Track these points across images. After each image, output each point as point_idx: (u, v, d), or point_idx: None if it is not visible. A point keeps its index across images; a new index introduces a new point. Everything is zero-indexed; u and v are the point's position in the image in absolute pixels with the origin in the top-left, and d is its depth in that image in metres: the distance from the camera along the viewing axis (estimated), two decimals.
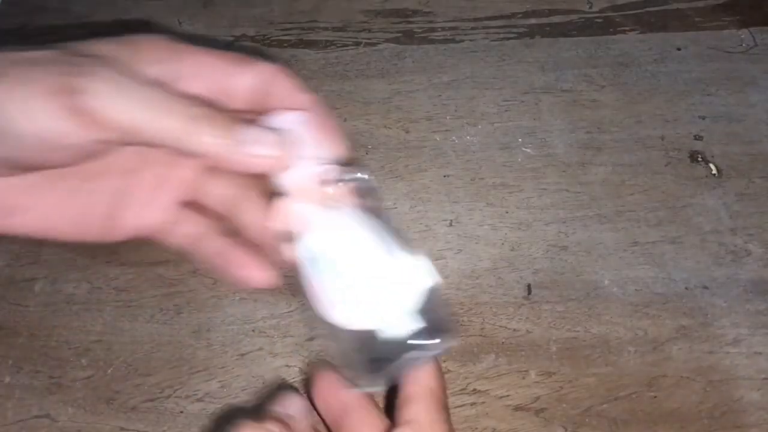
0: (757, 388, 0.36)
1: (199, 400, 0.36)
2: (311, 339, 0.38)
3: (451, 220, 0.42)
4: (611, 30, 0.53)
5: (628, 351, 0.37)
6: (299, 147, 0.29)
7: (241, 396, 0.36)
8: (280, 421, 0.29)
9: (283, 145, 0.28)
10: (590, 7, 0.54)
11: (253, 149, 0.27)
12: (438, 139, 0.46)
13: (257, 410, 0.29)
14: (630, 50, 0.51)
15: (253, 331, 0.38)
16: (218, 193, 0.32)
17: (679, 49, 0.51)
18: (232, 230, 0.32)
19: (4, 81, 0.26)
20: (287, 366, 0.37)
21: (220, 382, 0.36)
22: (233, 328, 0.38)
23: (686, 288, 0.40)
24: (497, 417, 0.35)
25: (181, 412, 0.35)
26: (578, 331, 0.38)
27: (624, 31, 0.53)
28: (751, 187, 0.44)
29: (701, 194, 0.44)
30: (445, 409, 0.29)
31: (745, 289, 0.40)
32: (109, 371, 0.37)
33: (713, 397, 0.36)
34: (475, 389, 0.36)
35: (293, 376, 0.37)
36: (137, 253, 0.41)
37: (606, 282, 0.40)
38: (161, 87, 0.27)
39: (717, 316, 0.39)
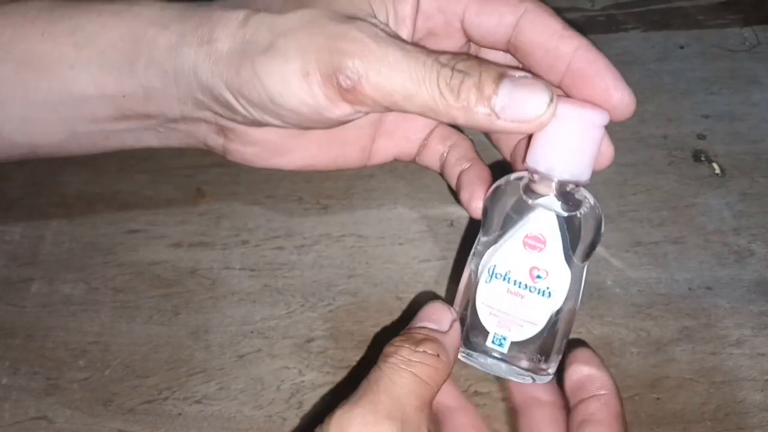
0: (760, 389, 0.36)
1: (197, 402, 0.36)
2: (311, 340, 0.38)
3: (452, 221, 0.42)
4: (614, 28, 0.52)
5: (630, 352, 0.37)
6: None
7: (240, 398, 0.36)
8: (432, 339, 0.27)
9: (550, 108, 0.25)
10: (592, 5, 0.54)
11: (515, 114, 0.25)
12: None
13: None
14: (632, 48, 0.51)
15: (251, 332, 0.38)
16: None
17: (682, 48, 0.51)
18: (471, 157, 0.33)
19: (270, 54, 0.26)
20: (286, 367, 0.37)
21: (218, 383, 0.36)
22: (232, 329, 0.38)
23: (689, 289, 0.39)
24: (499, 419, 0.35)
25: (179, 414, 0.35)
26: (581, 333, 0.38)
27: (626, 29, 0.52)
28: (754, 187, 0.44)
29: (704, 194, 0.43)
30: None
31: (748, 290, 0.39)
32: (107, 373, 0.37)
33: (716, 399, 0.35)
34: (476, 391, 0.36)
35: (293, 377, 0.36)
36: (135, 254, 0.41)
37: (609, 283, 0.40)
38: (418, 49, 0.26)
39: (720, 317, 0.38)
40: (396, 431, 0.25)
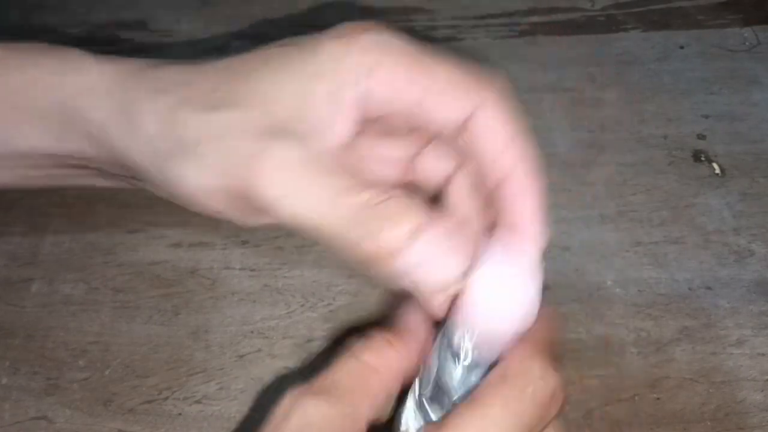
0: (760, 389, 0.36)
1: (197, 402, 0.36)
2: (311, 340, 0.38)
3: None
4: (614, 28, 0.52)
5: (630, 352, 0.37)
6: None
7: (240, 398, 0.36)
8: (386, 330, 0.26)
9: (464, 273, 0.24)
10: (592, 5, 0.54)
11: (422, 277, 0.24)
12: None
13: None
14: (633, 48, 0.51)
15: (251, 332, 0.38)
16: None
17: (682, 48, 0.51)
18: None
19: (191, 159, 0.26)
20: (286, 367, 0.37)
21: (218, 383, 0.36)
22: (232, 329, 0.38)
23: (689, 289, 0.39)
24: None
25: (179, 414, 0.35)
26: (580, 333, 0.38)
27: (626, 29, 0.52)
28: (754, 187, 0.44)
29: (704, 194, 0.43)
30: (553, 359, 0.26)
31: (748, 290, 0.39)
32: (107, 373, 0.37)
33: (716, 399, 0.35)
34: None
35: (293, 377, 0.36)
36: (135, 254, 0.41)
37: (609, 283, 0.40)
38: (338, 181, 0.24)
39: (720, 317, 0.38)
40: (321, 405, 0.24)
